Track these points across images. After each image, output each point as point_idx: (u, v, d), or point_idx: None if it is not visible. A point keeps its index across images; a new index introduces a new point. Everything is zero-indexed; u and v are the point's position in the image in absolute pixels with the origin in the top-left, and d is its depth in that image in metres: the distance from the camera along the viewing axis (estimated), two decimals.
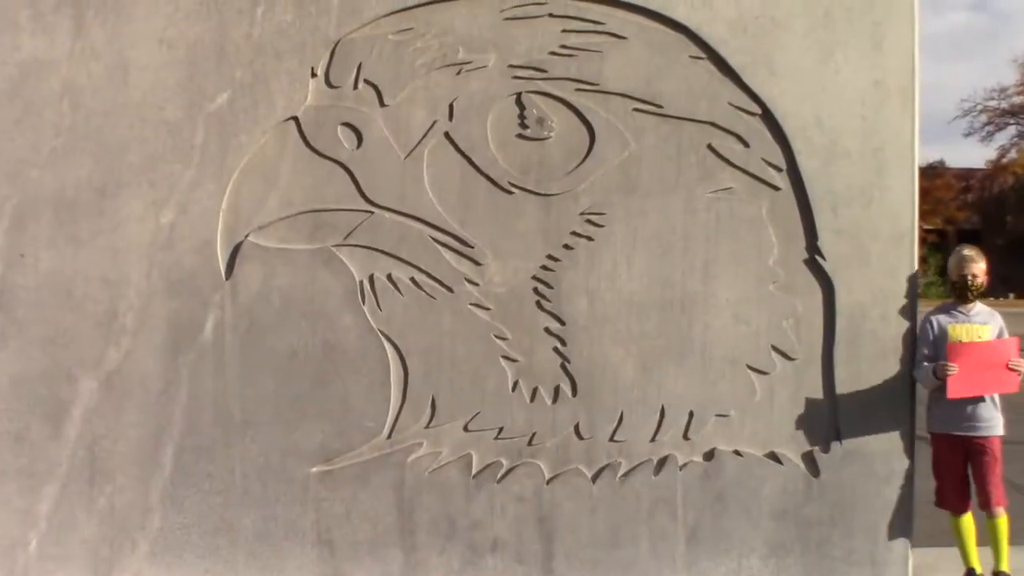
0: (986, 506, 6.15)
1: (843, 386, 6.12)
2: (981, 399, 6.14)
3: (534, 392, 6.10)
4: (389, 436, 6.08)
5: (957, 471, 6.27)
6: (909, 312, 6.18)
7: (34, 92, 6.00)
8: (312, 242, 6.02)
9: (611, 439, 6.08)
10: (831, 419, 6.15)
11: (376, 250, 6.05)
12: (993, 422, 6.19)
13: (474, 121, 6.09)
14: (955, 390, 5.95)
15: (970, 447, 6.19)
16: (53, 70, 6.01)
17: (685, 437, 6.13)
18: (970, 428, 6.16)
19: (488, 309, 6.09)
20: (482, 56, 6.09)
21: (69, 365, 5.98)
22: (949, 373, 5.91)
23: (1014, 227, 45.60)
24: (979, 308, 6.31)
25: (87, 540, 6.00)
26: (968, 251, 6.39)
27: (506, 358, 6.09)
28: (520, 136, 6.10)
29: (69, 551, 6.00)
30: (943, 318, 6.26)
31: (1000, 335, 6.20)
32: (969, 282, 6.22)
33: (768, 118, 6.14)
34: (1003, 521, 6.16)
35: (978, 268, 6.30)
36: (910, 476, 6.18)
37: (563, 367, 6.10)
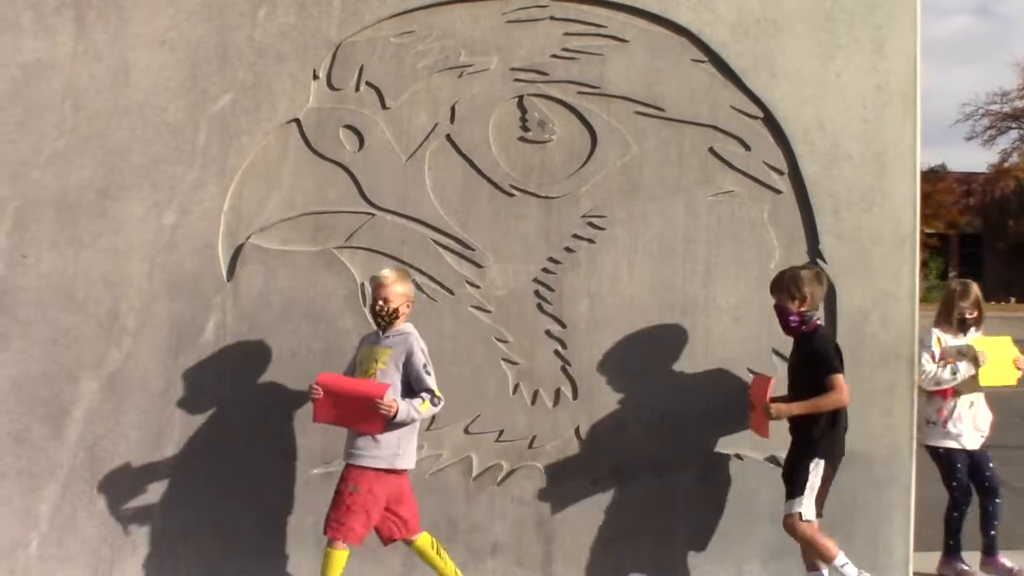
0: (323, 530, 5.54)
1: None
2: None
3: (535, 395, 6.10)
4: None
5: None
6: (910, 317, 6.19)
7: (36, 94, 6.01)
8: (313, 244, 6.03)
9: (611, 442, 6.07)
10: None
11: (377, 252, 6.05)
12: (369, 452, 5.50)
13: (476, 124, 6.09)
14: (319, 415, 5.52)
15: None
16: (55, 72, 6.02)
17: (685, 440, 6.14)
18: (346, 456, 5.57)
19: (489, 312, 6.09)
20: (484, 59, 6.10)
21: (70, 366, 5.98)
22: (314, 397, 5.46)
23: (1016, 231, 45.53)
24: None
25: (88, 541, 6.00)
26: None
27: (507, 361, 6.10)
28: (522, 139, 6.11)
29: (70, 552, 5.99)
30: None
31: None
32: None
33: (770, 121, 6.15)
34: (332, 553, 5.48)
35: None
36: (910, 481, 6.19)
37: (564, 370, 6.10)
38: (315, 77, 6.07)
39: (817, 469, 5.63)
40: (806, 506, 5.59)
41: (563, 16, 6.12)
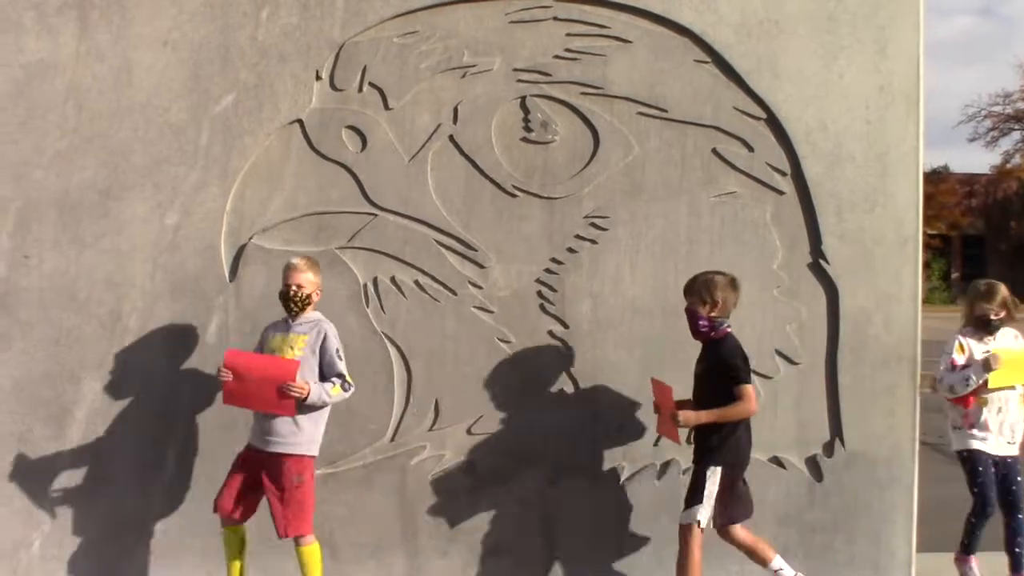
0: (282, 534, 5.56)
1: (846, 391, 6.12)
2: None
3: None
4: (392, 439, 6.08)
5: (238, 480, 5.59)
6: (912, 318, 6.18)
7: (38, 94, 6.01)
8: (316, 244, 6.02)
9: (614, 443, 6.06)
10: (834, 424, 6.15)
11: (380, 253, 6.06)
12: (296, 439, 5.51)
13: (478, 124, 6.10)
14: (229, 397, 5.52)
15: (265, 462, 5.56)
16: (57, 72, 6.02)
17: (688, 441, 6.11)
18: (263, 443, 5.53)
19: (492, 312, 6.09)
20: (487, 59, 6.10)
21: (73, 367, 5.98)
22: (222, 379, 5.44)
23: (1018, 232, 45.47)
24: None
25: (89, 541, 6.00)
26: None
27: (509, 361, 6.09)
28: (524, 139, 6.11)
29: (72, 552, 6.00)
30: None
31: None
32: None
33: (773, 122, 6.15)
34: (308, 551, 5.58)
35: None
36: (912, 482, 6.18)
37: (566, 370, 6.09)
38: (318, 77, 6.07)
39: (714, 477, 5.51)
40: (703, 514, 5.48)
41: (566, 17, 6.12)
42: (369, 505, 6.02)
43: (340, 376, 5.54)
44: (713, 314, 5.57)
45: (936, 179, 43.40)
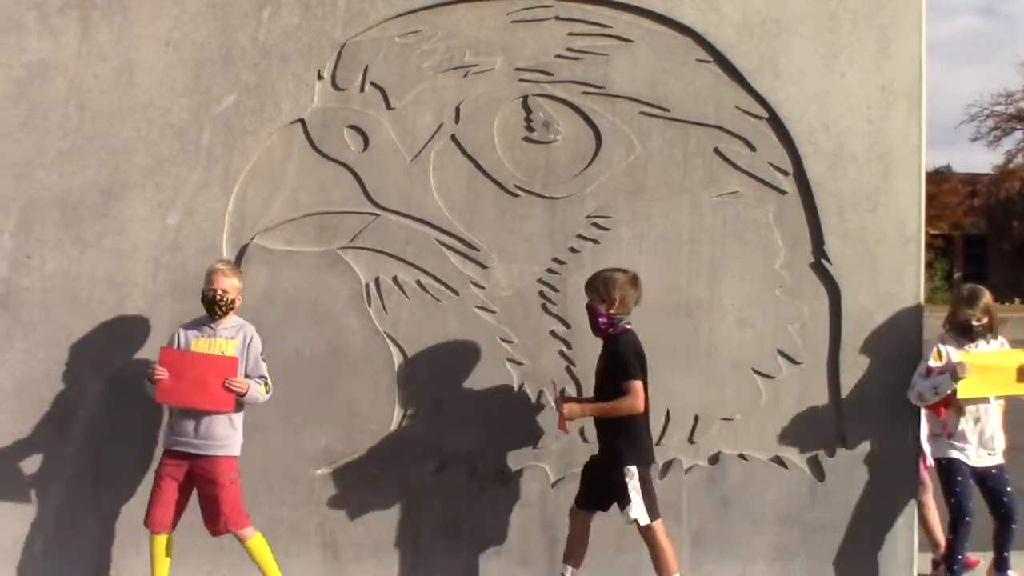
0: (215, 532, 5.65)
1: (848, 391, 6.11)
2: (209, 415, 5.56)
3: (539, 395, 6.09)
4: (394, 439, 6.07)
5: (173, 489, 5.62)
6: (915, 318, 6.17)
7: (40, 94, 6.01)
8: (318, 244, 6.03)
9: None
10: (836, 424, 6.14)
11: (382, 253, 6.06)
12: (232, 440, 5.63)
13: (480, 124, 6.09)
14: (163, 395, 5.52)
15: (197, 466, 5.60)
16: (59, 72, 6.02)
17: (690, 441, 6.13)
18: (195, 447, 5.57)
19: (494, 312, 6.09)
20: (488, 59, 6.09)
21: (75, 367, 5.98)
22: (158, 378, 5.45)
23: (1020, 232, 45.47)
24: None
25: (91, 541, 6.01)
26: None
27: (511, 361, 6.09)
28: (526, 139, 6.11)
29: (74, 552, 6.00)
30: None
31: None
32: None
33: (775, 122, 6.14)
34: (256, 542, 5.69)
35: None
36: (915, 482, 6.18)
37: (568, 370, 6.10)
38: (319, 77, 6.07)
39: (633, 475, 5.52)
40: (639, 510, 5.49)
41: (568, 16, 6.12)
42: (370, 505, 6.01)
43: (263, 377, 5.64)
44: (612, 311, 5.58)
45: (938, 179, 43.38)
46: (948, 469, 6.16)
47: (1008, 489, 6.17)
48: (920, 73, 6.20)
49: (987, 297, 6.22)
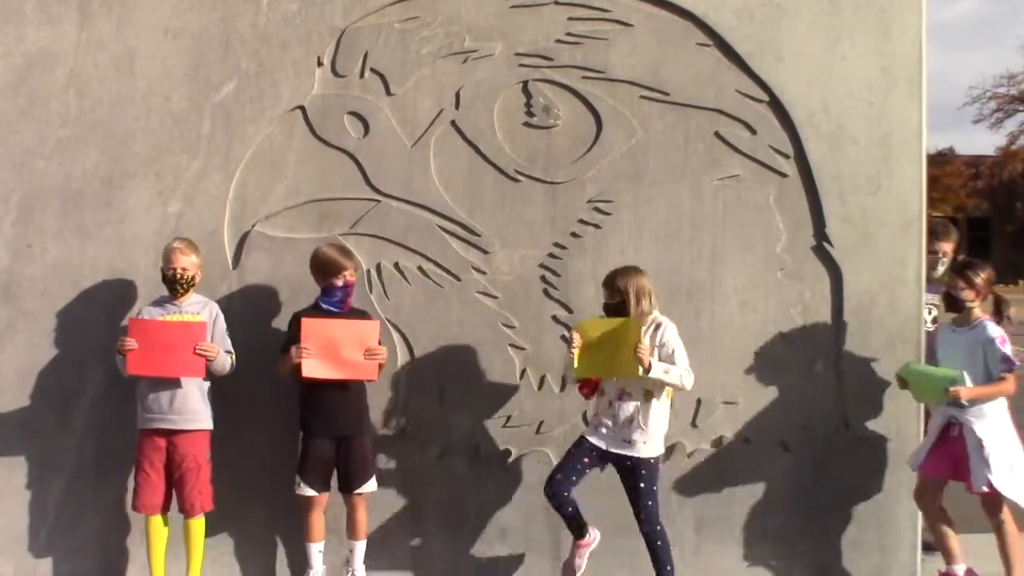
0: (190, 513, 5.71)
1: (850, 374, 6.12)
2: (177, 387, 5.64)
3: (541, 380, 6.10)
4: (397, 424, 6.08)
5: (155, 471, 5.70)
6: (916, 300, 6.17)
7: (40, 83, 6.00)
8: (319, 231, 6.02)
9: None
10: (839, 406, 6.15)
11: (383, 239, 6.06)
12: (205, 414, 5.75)
13: (481, 109, 6.08)
14: (134, 366, 5.52)
15: (175, 442, 5.69)
16: (59, 61, 6.01)
17: (693, 425, 6.13)
18: (172, 422, 5.66)
19: (495, 297, 6.09)
20: (488, 44, 6.08)
21: (77, 355, 5.99)
22: (128, 348, 5.49)
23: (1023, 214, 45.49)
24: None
25: (95, 531, 6.01)
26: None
27: (513, 346, 6.10)
28: (527, 124, 6.11)
29: (77, 542, 6.01)
30: None
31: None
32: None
33: (775, 105, 6.14)
34: (200, 523, 5.76)
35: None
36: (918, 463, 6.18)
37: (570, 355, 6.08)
38: (319, 64, 6.06)
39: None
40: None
41: (567, 1, 6.10)
42: (374, 491, 6.01)
43: (229, 352, 5.75)
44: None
45: (941, 161, 43.37)
46: (575, 444, 5.72)
47: (642, 486, 5.61)
48: (921, 55, 6.20)
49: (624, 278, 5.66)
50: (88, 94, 6.01)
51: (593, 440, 5.65)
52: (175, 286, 5.66)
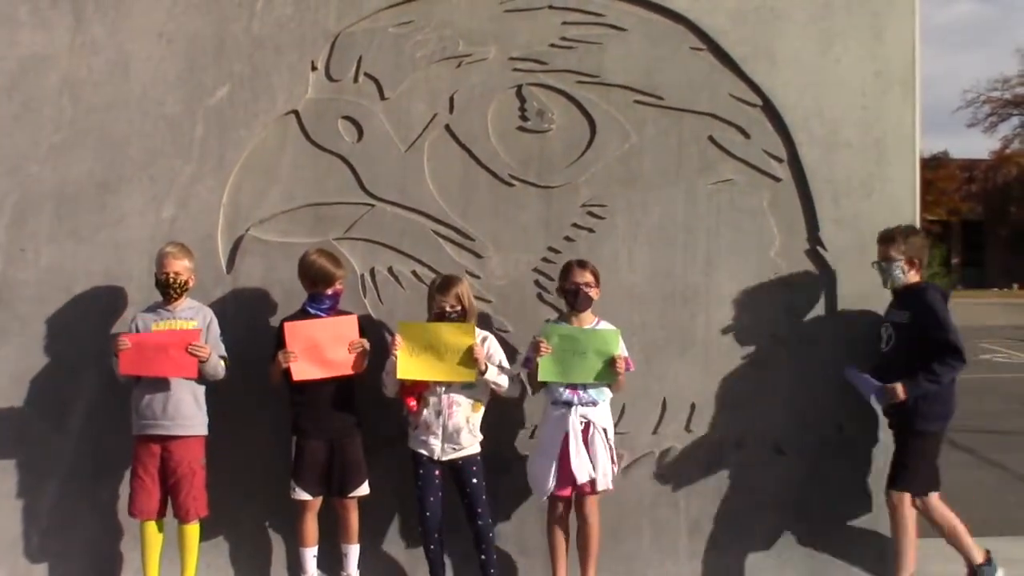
0: (185, 520, 5.69)
1: (844, 377, 6.10)
2: (170, 392, 5.61)
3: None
4: (390, 429, 6.07)
5: (150, 477, 5.68)
6: None
7: (33, 87, 6.00)
8: (313, 236, 6.02)
9: (613, 431, 6.06)
10: (833, 409, 6.15)
11: (377, 243, 6.06)
12: (200, 420, 5.73)
13: (474, 114, 6.09)
14: (127, 365, 5.52)
15: (170, 448, 5.67)
16: (52, 65, 6.01)
17: (687, 429, 6.14)
18: (166, 428, 5.65)
19: (490, 302, 6.09)
20: (482, 49, 6.09)
21: (71, 360, 5.98)
22: (121, 348, 5.49)
23: (1018, 218, 45.57)
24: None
25: (89, 535, 6.01)
26: None
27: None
28: (521, 128, 6.11)
29: (71, 546, 6.00)
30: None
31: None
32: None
33: (769, 109, 6.14)
34: (196, 529, 5.73)
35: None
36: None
37: None
38: (313, 68, 6.06)
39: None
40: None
41: (561, 5, 6.11)
42: (369, 496, 5.99)
43: (223, 357, 5.74)
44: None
45: (936, 165, 43.47)
46: (412, 462, 5.82)
47: (475, 481, 5.75)
48: (914, 59, 6.21)
49: (459, 287, 5.74)
50: (82, 98, 6.01)
51: (424, 452, 5.75)
52: (168, 290, 5.65)
